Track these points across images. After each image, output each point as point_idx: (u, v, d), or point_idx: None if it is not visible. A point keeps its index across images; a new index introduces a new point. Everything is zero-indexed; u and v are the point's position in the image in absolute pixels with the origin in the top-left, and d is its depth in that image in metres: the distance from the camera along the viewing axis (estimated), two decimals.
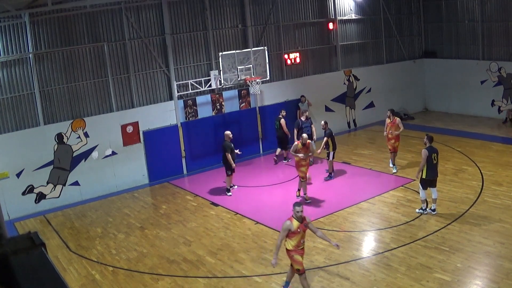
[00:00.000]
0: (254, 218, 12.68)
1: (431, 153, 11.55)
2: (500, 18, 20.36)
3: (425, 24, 23.48)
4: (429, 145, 11.75)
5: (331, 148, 15.10)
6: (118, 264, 10.85)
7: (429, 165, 11.54)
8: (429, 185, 11.76)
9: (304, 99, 18.55)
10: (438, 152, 11.80)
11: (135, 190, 15.96)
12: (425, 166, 11.57)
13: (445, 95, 22.72)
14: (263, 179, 16.07)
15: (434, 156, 11.58)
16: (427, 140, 11.84)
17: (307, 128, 16.26)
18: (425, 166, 11.57)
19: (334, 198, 13.79)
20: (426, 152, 11.55)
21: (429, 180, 11.67)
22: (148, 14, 16.33)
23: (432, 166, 11.58)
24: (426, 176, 11.61)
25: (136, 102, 16.37)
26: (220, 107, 17.80)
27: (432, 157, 11.53)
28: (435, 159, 11.60)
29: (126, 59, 16.07)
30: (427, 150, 11.61)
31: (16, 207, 14.04)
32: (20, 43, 14.25)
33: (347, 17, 21.14)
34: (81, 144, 15.32)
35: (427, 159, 11.50)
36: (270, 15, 18.90)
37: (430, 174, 11.60)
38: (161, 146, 16.70)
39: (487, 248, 9.92)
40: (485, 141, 17.69)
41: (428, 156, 11.50)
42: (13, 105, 14.37)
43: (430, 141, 11.81)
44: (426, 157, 11.49)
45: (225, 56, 16.34)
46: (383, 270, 9.41)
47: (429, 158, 11.52)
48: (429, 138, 11.89)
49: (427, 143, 11.80)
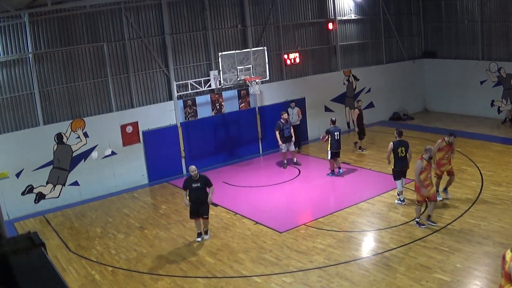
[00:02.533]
0: (254, 218, 12.68)
1: (398, 147, 12.54)
2: (499, 19, 20.36)
3: (425, 24, 23.47)
4: (398, 139, 12.71)
5: (329, 146, 15.17)
6: (118, 264, 10.85)
7: (396, 157, 12.56)
8: (401, 175, 12.71)
9: (294, 105, 18.00)
10: (407, 145, 12.66)
11: (134, 190, 15.95)
12: (393, 158, 12.60)
13: (445, 95, 22.71)
14: (263, 179, 16.07)
15: (402, 149, 12.52)
16: (397, 134, 12.83)
17: (287, 130, 16.37)
18: (394, 158, 12.58)
19: (334, 198, 13.80)
20: (391, 145, 12.63)
21: (397, 170, 12.66)
22: (147, 14, 16.33)
23: (399, 158, 12.56)
24: (395, 167, 12.67)
25: (136, 102, 16.37)
26: (219, 107, 17.80)
27: (399, 150, 12.51)
28: (402, 152, 12.53)
29: (126, 59, 16.06)
30: (393, 143, 12.64)
31: (16, 207, 14.03)
32: (19, 43, 14.25)
33: (346, 17, 21.13)
34: (80, 144, 15.32)
35: (394, 152, 12.53)
36: (270, 15, 18.90)
37: (398, 165, 12.62)
38: (161, 146, 16.70)
39: (487, 248, 9.92)
40: (485, 141, 17.69)
41: (394, 149, 12.53)
42: (13, 105, 14.36)
43: (399, 135, 12.78)
44: (391, 150, 12.56)
45: (225, 56, 16.34)
46: (383, 270, 9.41)
47: (395, 151, 12.53)
48: (399, 132, 12.87)
49: (396, 137, 12.75)
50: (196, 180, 11.32)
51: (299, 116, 17.91)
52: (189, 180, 11.44)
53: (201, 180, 11.34)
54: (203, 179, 11.39)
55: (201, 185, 11.29)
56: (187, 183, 11.44)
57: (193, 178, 11.32)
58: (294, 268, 9.91)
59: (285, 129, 16.36)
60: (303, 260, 10.15)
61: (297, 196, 14.43)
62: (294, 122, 17.38)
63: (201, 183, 11.30)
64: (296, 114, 17.82)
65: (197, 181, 11.32)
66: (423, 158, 11.05)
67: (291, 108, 17.80)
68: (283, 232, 11.64)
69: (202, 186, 11.30)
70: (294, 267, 9.92)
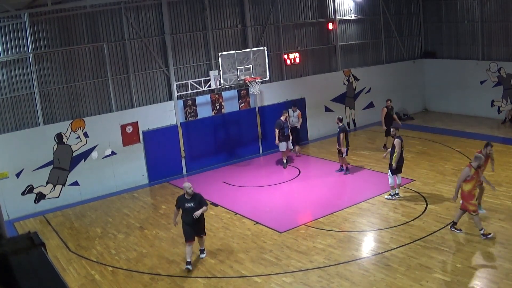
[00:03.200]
0: (254, 218, 12.68)
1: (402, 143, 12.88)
2: (499, 19, 20.37)
3: (425, 25, 23.48)
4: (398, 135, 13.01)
5: (345, 144, 15.18)
6: (118, 264, 10.85)
7: (401, 153, 12.85)
8: (399, 171, 12.94)
9: (296, 109, 17.94)
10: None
11: (134, 190, 15.95)
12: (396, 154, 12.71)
13: (445, 95, 22.71)
14: (263, 179, 16.07)
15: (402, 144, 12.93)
16: (396, 130, 13.16)
17: (287, 128, 16.65)
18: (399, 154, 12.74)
19: (334, 198, 13.79)
20: (399, 142, 12.75)
21: (399, 166, 12.88)
22: (147, 14, 16.33)
23: (402, 155, 12.94)
24: (399, 162, 12.83)
25: (136, 102, 16.37)
26: (219, 107, 17.80)
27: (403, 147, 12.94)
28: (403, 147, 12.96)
29: (126, 59, 16.07)
30: (401, 140, 12.80)
31: (16, 207, 14.03)
32: (19, 43, 14.25)
33: (346, 17, 21.14)
34: (80, 144, 15.32)
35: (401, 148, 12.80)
36: (270, 15, 18.90)
37: (401, 160, 12.90)
38: (161, 146, 16.70)
39: (487, 248, 9.92)
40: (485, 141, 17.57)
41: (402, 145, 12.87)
42: (13, 105, 14.36)
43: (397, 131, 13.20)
44: (400, 146, 12.72)
45: (225, 56, 16.34)
46: (383, 270, 9.41)
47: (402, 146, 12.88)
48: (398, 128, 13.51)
49: (396, 133, 13.00)
50: (190, 199, 10.22)
51: (299, 119, 17.90)
52: (183, 199, 10.32)
53: (195, 199, 10.25)
54: (198, 198, 10.31)
55: (195, 205, 10.18)
56: (180, 202, 10.34)
57: (186, 197, 10.22)
58: (294, 268, 9.91)
59: (285, 127, 16.51)
60: (303, 260, 10.15)
61: (297, 196, 14.43)
62: (293, 124, 17.49)
63: (195, 203, 10.19)
64: (297, 117, 17.85)
65: (191, 200, 10.21)
66: (471, 166, 10.25)
67: (293, 111, 17.85)
68: (283, 232, 11.64)
69: (196, 206, 10.18)
70: (294, 267, 9.92)
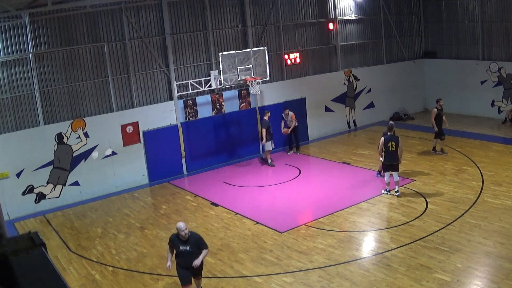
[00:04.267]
0: (254, 218, 12.69)
1: (388, 141, 13.03)
2: (500, 19, 20.36)
3: (425, 24, 23.47)
4: (389, 133, 13.19)
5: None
6: (118, 264, 10.85)
7: (386, 151, 13.06)
8: (390, 169, 13.17)
9: (288, 111, 17.91)
10: (398, 140, 13.09)
11: (135, 190, 15.95)
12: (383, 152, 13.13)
13: (445, 95, 22.63)
14: (263, 179, 16.08)
15: (392, 144, 12.99)
16: (387, 129, 13.34)
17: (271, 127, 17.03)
18: (384, 152, 13.11)
19: (334, 198, 13.79)
20: (382, 139, 13.17)
21: (386, 164, 13.18)
22: (148, 14, 16.33)
23: (389, 153, 13.04)
24: (385, 161, 13.22)
25: (136, 102, 16.37)
26: (220, 107, 17.80)
27: (389, 145, 12.99)
28: (392, 147, 12.99)
29: (126, 59, 16.07)
30: (384, 138, 13.17)
31: (16, 207, 14.04)
32: (20, 43, 14.25)
33: (347, 17, 21.13)
34: (81, 144, 15.32)
35: (384, 146, 13.03)
36: (270, 15, 18.90)
37: (387, 159, 13.13)
38: (161, 146, 16.70)
39: (487, 248, 9.92)
40: (485, 141, 17.69)
41: (385, 144, 13.05)
42: (13, 105, 14.37)
43: (389, 130, 13.27)
44: (383, 144, 13.08)
45: (225, 56, 16.33)
46: (383, 270, 9.41)
47: (386, 145, 13.02)
48: (389, 127, 13.36)
49: (387, 132, 13.25)
50: (185, 242, 8.40)
51: (292, 120, 17.88)
52: (176, 239, 8.51)
53: (191, 242, 8.42)
54: (194, 240, 8.49)
55: (191, 249, 8.40)
56: (174, 242, 8.56)
57: (181, 239, 8.43)
58: (294, 268, 9.91)
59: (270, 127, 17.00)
60: (303, 260, 10.15)
61: (298, 196, 14.42)
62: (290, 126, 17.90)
63: (191, 247, 8.40)
64: (291, 120, 17.85)
65: (186, 243, 8.40)
66: None
67: (285, 115, 17.88)
68: (284, 232, 11.64)
69: (192, 250, 8.41)
70: (294, 267, 9.92)
